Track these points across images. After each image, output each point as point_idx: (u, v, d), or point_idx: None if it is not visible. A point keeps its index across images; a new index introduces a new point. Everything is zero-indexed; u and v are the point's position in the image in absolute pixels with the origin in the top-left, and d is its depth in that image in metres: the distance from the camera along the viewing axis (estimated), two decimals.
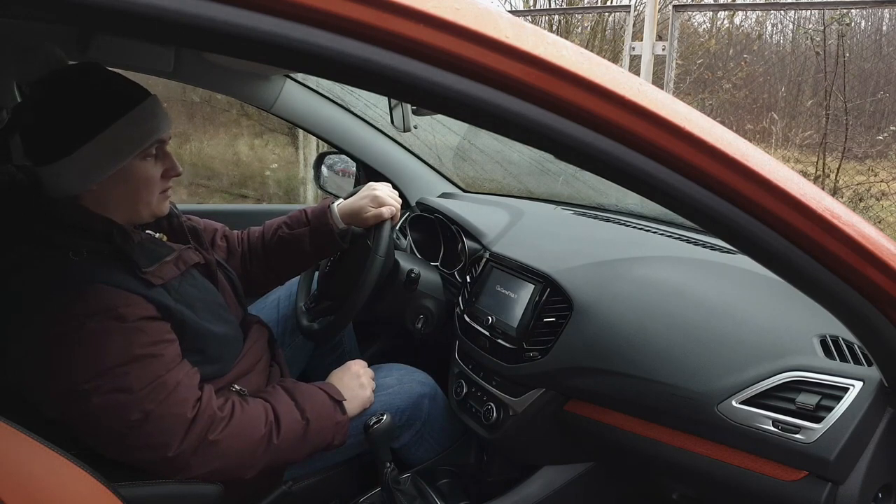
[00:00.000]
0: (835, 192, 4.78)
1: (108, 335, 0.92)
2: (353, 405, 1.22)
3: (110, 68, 1.04)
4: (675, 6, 4.26)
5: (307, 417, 1.10)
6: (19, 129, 1.00)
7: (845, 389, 0.89)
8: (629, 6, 4.63)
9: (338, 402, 1.18)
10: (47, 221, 0.96)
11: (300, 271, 1.56)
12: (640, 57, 4.20)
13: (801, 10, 5.56)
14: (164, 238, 1.16)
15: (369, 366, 1.34)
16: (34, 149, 0.99)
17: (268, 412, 1.08)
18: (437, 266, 1.69)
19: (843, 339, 0.97)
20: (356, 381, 1.26)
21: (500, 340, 1.31)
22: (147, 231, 1.14)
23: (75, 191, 0.98)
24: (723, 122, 0.85)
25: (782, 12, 6.16)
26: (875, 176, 4.89)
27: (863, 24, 6.47)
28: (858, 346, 0.94)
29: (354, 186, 1.84)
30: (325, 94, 1.94)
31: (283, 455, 1.09)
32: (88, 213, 0.99)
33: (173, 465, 0.96)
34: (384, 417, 1.23)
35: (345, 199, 1.45)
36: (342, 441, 1.17)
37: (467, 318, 1.42)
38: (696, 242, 1.40)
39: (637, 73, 4.11)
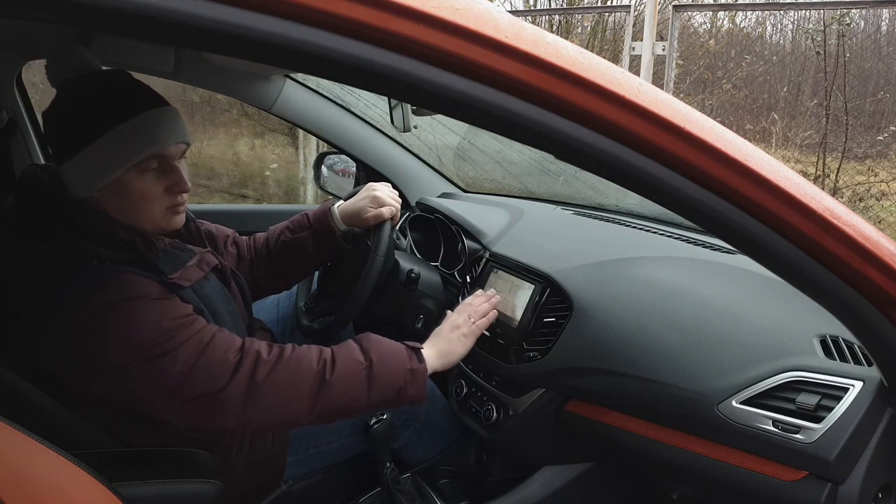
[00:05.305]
0: (835, 192, 4.78)
1: (141, 311, 0.93)
2: (446, 355, 1.12)
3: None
4: (675, 6, 4.25)
5: (370, 359, 1.03)
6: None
7: (845, 389, 0.89)
8: (629, 6, 4.62)
9: (413, 349, 1.08)
10: (70, 227, 0.95)
11: (306, 275, 1.56)
12: (640, 57, 4.20)
13: (801, 10, 5.56)
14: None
15: None
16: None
17: (322, 352, 1.03)
18: (437, 266, 1.69)
19: (843, 339, 0.97)
20: (455, 333, 1.15)
21: (500, 340, 1.31)
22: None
23: (80, 195, 0.97)
24: (723, 122, 0.85)
25: (782, 12, 6.15)
26: (875, 176, 4.89)
27: (863, 24, 6.47)
28: (858, 346, 0.94)
29: (354, 186, 1.84)
30: (325, 94, 1.94)
31: (340, 397, 1.01)
32: (111, 221, 0.98)
33: (226, 411, 0.95)
34: (384, 417, 1.23)
35: (345, 199, 1.45)
36: (417, 392, 1.06)
37: None
38: (696, 242, 1.40)
39: (637, 73, 4.11)
